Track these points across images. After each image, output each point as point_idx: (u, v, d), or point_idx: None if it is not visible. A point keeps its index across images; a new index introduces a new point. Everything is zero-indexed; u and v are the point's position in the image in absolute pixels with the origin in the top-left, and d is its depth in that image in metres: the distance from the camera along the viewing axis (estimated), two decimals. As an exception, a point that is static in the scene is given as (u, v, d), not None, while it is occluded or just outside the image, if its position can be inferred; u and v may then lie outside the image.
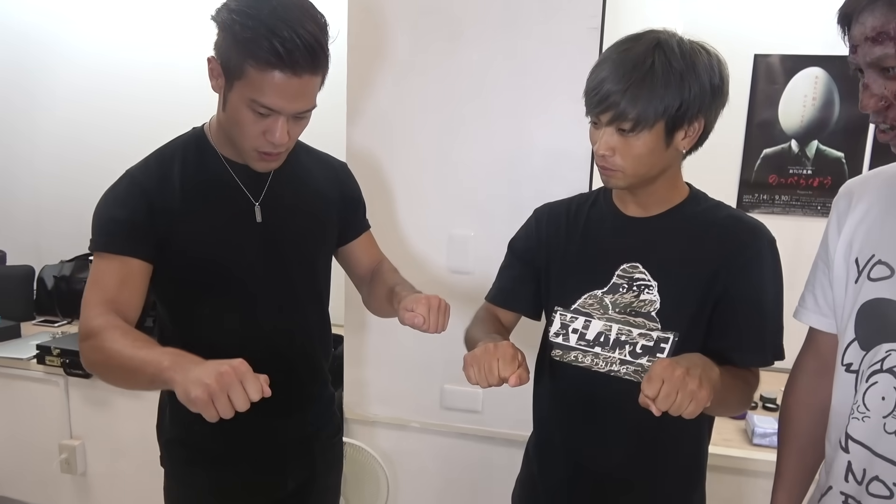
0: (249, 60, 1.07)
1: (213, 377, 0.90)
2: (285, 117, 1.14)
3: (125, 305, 1.17)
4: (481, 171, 1.83)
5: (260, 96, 1.10)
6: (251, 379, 0.93)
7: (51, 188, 2.98)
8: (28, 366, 2.39)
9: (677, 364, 0.93)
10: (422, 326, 1.19)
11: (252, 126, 1.14)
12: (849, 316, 1.02)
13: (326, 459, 1.52)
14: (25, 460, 2.51)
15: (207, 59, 1.14)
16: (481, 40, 1.77)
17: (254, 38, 1.06)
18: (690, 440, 1.25)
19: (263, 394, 0.93)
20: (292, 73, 1.08)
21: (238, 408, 0.91)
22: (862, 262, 1.02)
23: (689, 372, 0.92)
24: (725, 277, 1.14)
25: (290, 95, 1.11)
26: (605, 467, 1.25)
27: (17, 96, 2.95)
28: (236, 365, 0.93)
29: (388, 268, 1.48)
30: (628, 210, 1.23)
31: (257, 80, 1.08)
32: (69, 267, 2.79)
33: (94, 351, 1.11)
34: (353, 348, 2.03)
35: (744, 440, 1.83)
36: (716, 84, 1.09)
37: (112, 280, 1.17)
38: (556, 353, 1.26)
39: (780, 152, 2.33)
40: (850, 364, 1.02)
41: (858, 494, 1.00)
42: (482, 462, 1.99)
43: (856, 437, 1.00)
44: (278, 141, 1.15)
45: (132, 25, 2.74)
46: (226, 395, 0.90)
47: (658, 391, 0.91)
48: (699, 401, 0.91)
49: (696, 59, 1.07)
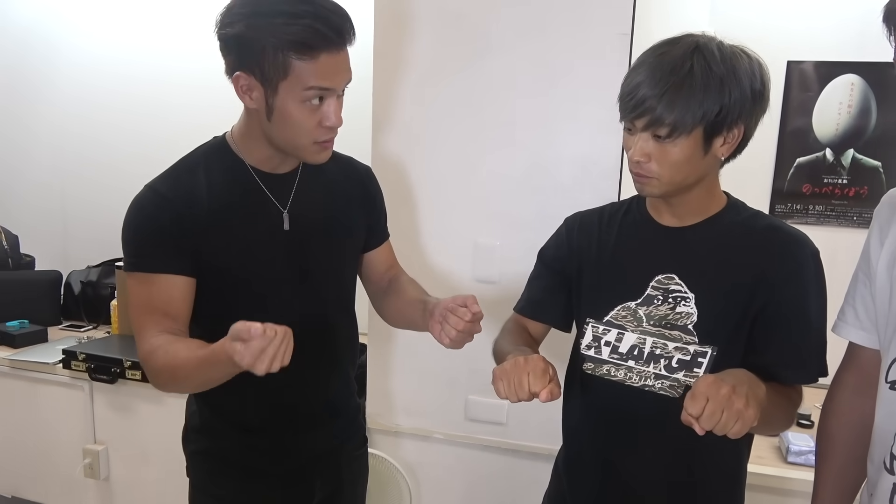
0: (291, 55, 1.07)
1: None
2: (335, 98, 1.14)
3: (174, 320, 1.19)
4: (508, 178, 1.80)
5: (314, 81, 1.10)
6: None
7: (77, 194, 3.01)
8: (54, 370, 2.40)
9: (723, 381, 0.89)
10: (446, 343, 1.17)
11: (308, 120, 1.13)
12: (894, 331, 0.98)
13: (352, 471, 1.50)
14: (50, 464, 2.52)
15: (234, 78, 1.12)
16: (508, 47, 1.74)
17: (288, 32, 1.05)
18: (728, 458, 1.21)
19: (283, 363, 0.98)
20: (336, 49, 1.10)
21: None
22: None
23: (735, 390, 0.88)
24: (767, 290, 1.10)
25: (339, 70, 1.13)
26: (639, 485, 1.21)
27: (43, 105, 2.98)
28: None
29: (408, 278, 1.46)
30: (663, 219, 1.20)
31: (307, 70, 1.08)
32: (95, 272, 2.81)
33: (159, 372, 1.15)
34: (377, 357, 2.01)
35: (778, 458, 1.77)
36: (757, 89, 1.05)
37: (156, 300, 1.18)
38: (587, 367, 1.22)
39: (815, 161, 2.28)
40: (894, 381, 0.98)
41: None
42: (507, 475, 1.95)
43: None
44: (336, 123, 1.16)
45: (160, 30, 2.77)
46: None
47: (702, 409, 0.88)
48: (746, 420, 0.88)
49: (737, 63, 1.04)
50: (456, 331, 1.14)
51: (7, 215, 3.02)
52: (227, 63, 1.13)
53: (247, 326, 0.94)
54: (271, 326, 0.95)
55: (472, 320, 1.14)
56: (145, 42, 2.79)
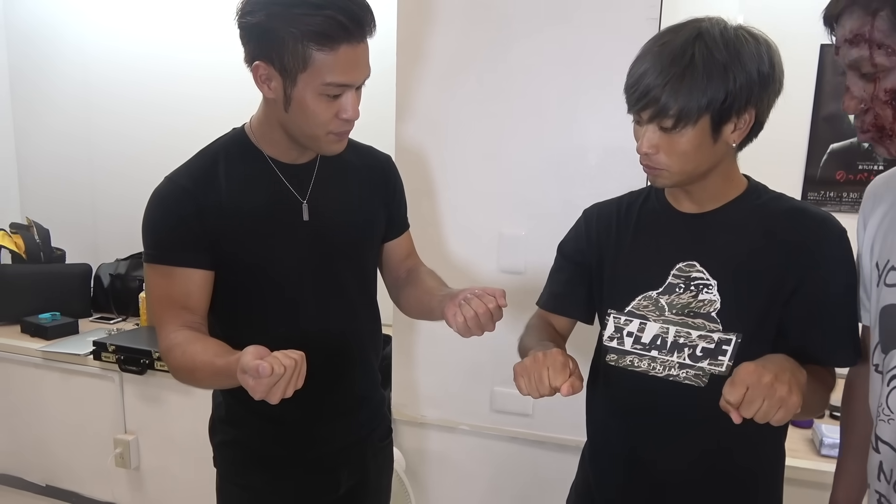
0: (312, 46, 1.06)
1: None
2: (353, 90, 1.14)
3: (192, 313, 1.20)
4: (533, 168, 1.78)
5: (333, 77, 1.09)
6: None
7: (106, 188, 3.04)
8: (85, 361, 2.44)
9: (765, 369, 0.88)
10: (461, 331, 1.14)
11: (325, 112, 1.13)
12: (875, 319, 1.01)
13: (378, 462, 1.50)
14: (82, 453, 2.57)
15: (254, 67, 1.12)
16: (533, 33, 1.72)
17: (310, 23, 1.05)
18: (758, 448, 1.18)
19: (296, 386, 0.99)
20: (356, 42, 1.09)
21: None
22: (881, 267, 1.00)
23: (777, 377, 0.87)
24: (796, 273, 1.07)
25: (358, 64, 1.12)
26: (664, 474, 1.19)
27: (71, 102, 3.02)
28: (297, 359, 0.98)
29: (427, 269, 1.45)
30: (682, 207, 1.18)
31: (327, 62, 1.08)
32: (124, 265, 2.84)
33: (177, 369, 1.17)
34: (402, 348, 2.01)
35: (810, 450, 1.73)
36: (764, 72, 1.02)
37: (175, 293, 1.19)
38: (610, 358, 1.21)
39: (849, 147, 2.21)
40: (877, 365, 1.00)
41: (888, 494, 0.99)
42: (534, 467, 1.94)
43: (884, 438, 0.99)
44: (353, 116, 1.15)
45: (186, 23, 2.78)
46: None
47: (742, 397, 0.86)
48: (790, 407, 0.86)
49: (742, 47, 1.01)
50: (474, 312, 1.11)
51: (39, 210, 3.08)
52: (247, 51, 1.13)
53: (255, 366, 0.92)
54: (279, 362, 0.94)
55: (495, 309, 1.12)
56: (170, 37, 2.81)
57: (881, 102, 0.87)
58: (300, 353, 0.98)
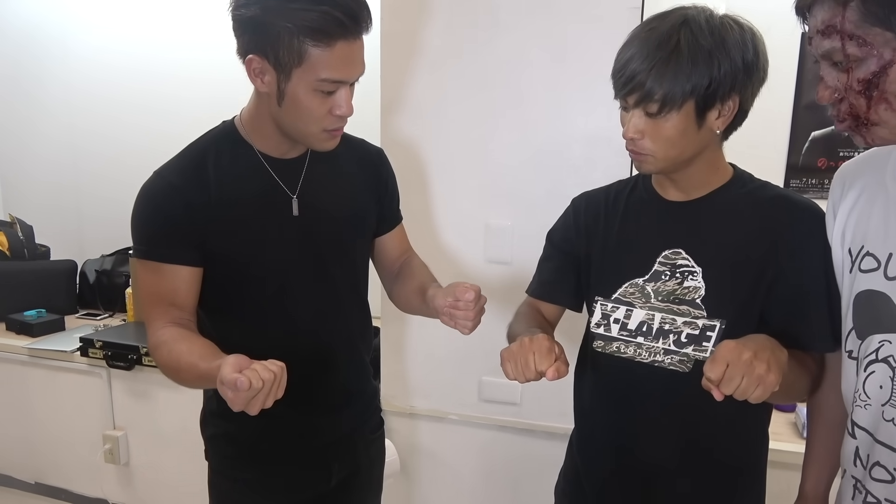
0: (307, 41, 1.06)
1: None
2: (347, 87, 1.13)
3: (180, 309, 1.20)
4: (519, 158, 1.79)
5: (328, 73, 1.08)
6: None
7: (89, 185, 3.02)
8: (72, 358, 2.43)
9: (744, 346, 0.90)
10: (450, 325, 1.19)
11: (319, 108, 1.12)
12: (847, 305, 1.02)
13: (370, 454, 1.51)
14: (71, 450, 2.56)
15: (247, 60, 1.11)
16: (517, 24, 1.72)
17: (306, 17, 1.04)
18: (742, 433, 1.20)
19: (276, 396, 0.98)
20: (353, 38, 1.09)
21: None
22: (854, 253, 1.01)
23: (757, 355, 0.89)
24: (779, 260, 1.09)
25: (354, 60, 1.11)
26: (651, 460, 1.21)
27: (54, 100, 2.99)
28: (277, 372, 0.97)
29: (418, 263, 1.45)
30: (668, 195, 1.19)
31: (323, 58, 1.07)
32: (110, 261, 2.82)
33: (164, 366, 1.17)
34: (390, 340, 2.02)
35: (794, 433, 1.76)
36: (749, 60, 1.04)
37: (163, 289, 1.19)
38: (597, 344, 1.22)
39: (830, 135, 2.23)
40: (850, 351, 1.02)
41: (864, 479, 1.01)
42: (523, 455, 1.96)
43: (860, 424, 1.00)
44: (347, 112, 1.15)
45: (170, 23, 2.76)
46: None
47: (722, 374, 0.88)
48: (767, 385, 0.88)
49: (727, 34, 1.02)
50: (470, 322, 1.17)
51: (22, 207, 3.05)
52: (240, 44, 1.12)
53: (233, 379, 0.92)
54: (258, 375, 0.93)
55: (475, 304, 1.16)
56: (155, 36, 2.79)
57: (855, 92, 0.88)
58: (280, 364, 0.97)
